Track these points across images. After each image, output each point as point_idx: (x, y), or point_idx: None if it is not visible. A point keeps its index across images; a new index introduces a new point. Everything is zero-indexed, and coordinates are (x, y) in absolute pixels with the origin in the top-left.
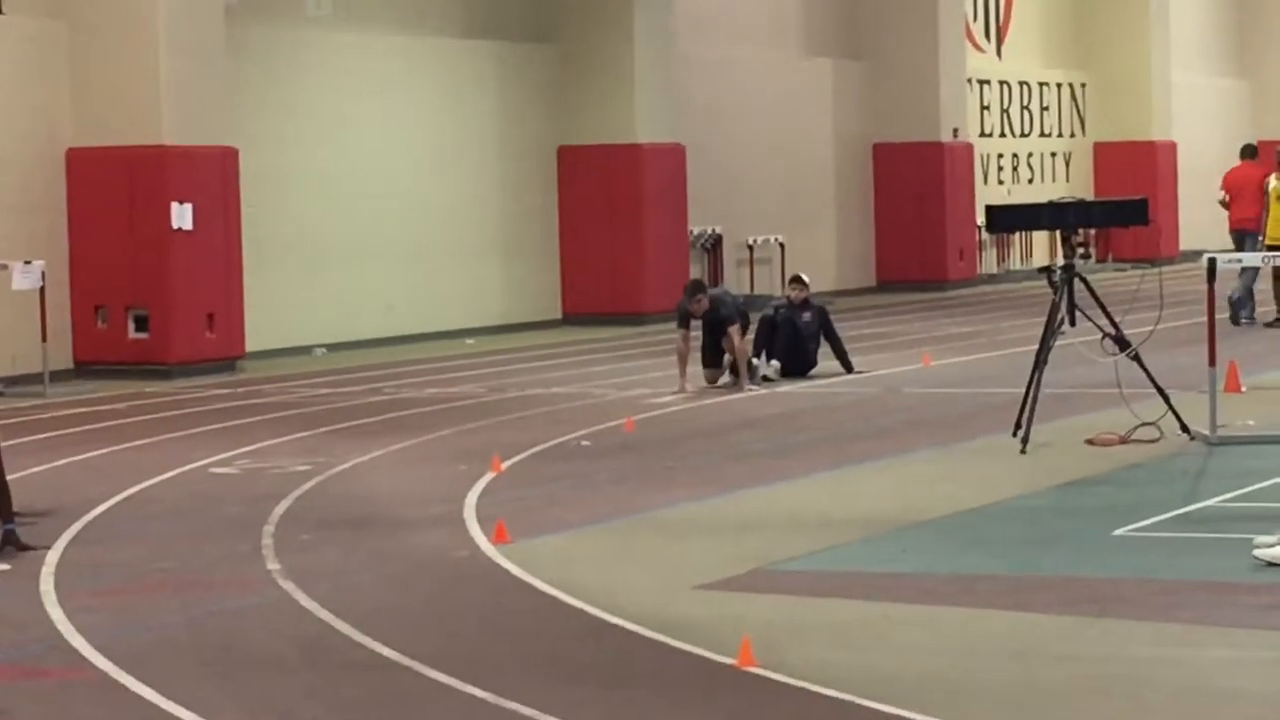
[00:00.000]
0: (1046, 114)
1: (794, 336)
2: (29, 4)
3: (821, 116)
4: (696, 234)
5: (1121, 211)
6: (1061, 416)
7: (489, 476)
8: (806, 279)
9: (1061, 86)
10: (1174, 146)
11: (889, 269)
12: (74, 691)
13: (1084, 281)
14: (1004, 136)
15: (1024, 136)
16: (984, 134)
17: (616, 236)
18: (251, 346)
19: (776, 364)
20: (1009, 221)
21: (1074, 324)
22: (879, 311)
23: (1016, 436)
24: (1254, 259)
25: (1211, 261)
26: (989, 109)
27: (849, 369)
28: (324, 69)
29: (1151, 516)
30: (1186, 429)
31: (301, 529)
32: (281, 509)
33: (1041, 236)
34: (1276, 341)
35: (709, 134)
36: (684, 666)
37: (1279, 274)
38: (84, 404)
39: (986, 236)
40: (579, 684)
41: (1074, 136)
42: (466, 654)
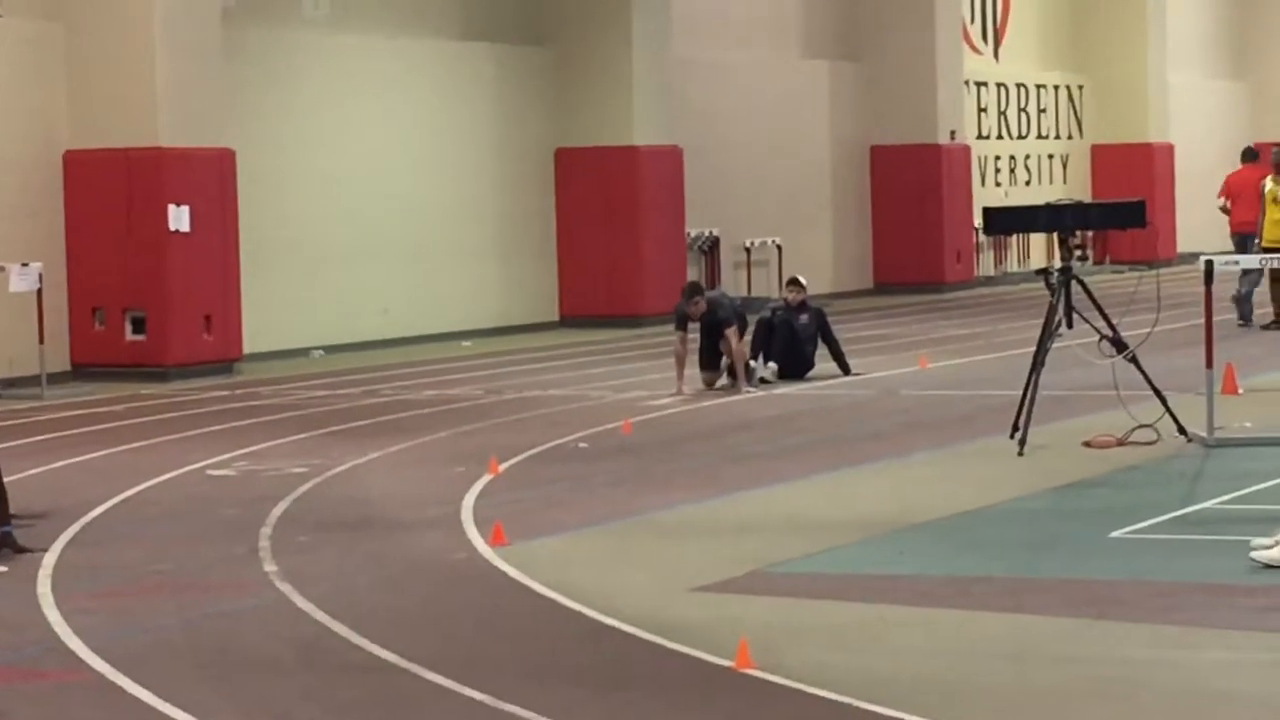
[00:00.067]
0: (1044, 116)
1: (791, 339)
2: (26, 6)
3: (819, 119)
4: (694, 236)
5: (1119, 214)
6: (1059, 418)
7: (486, 478)
8: (804, 281)
9: (1059, 89)
10: (1171, 149)
11: (886, 271)
12: (71, 693)
13: (1081, 284)
14: (1001, 139)
15: (1021, 139)
16: (981, 136)
17: (614, 239)
18: (249, 348)
19: (774, 366)
20: (1006, 223)
21: (1071, 326)
22: (876, 313)
23: (1014, 438)
24: (1252, 261)
25: (1209, 264)
26: (986, 111)
27: (846, 371)
28: (321, 71)
29: (1149, 519)
30: (1184, 431)
31: (299, 531)
32: (279, 511)
33: (1039, 239)
34: (1273, 344)
35: (706, 136)
36: (681, 668)
37: (1276, 276)
38: (81, 406)
39: (984, 238)
40: (576, 686)
41: (1071, 139)
42: (464, 656)
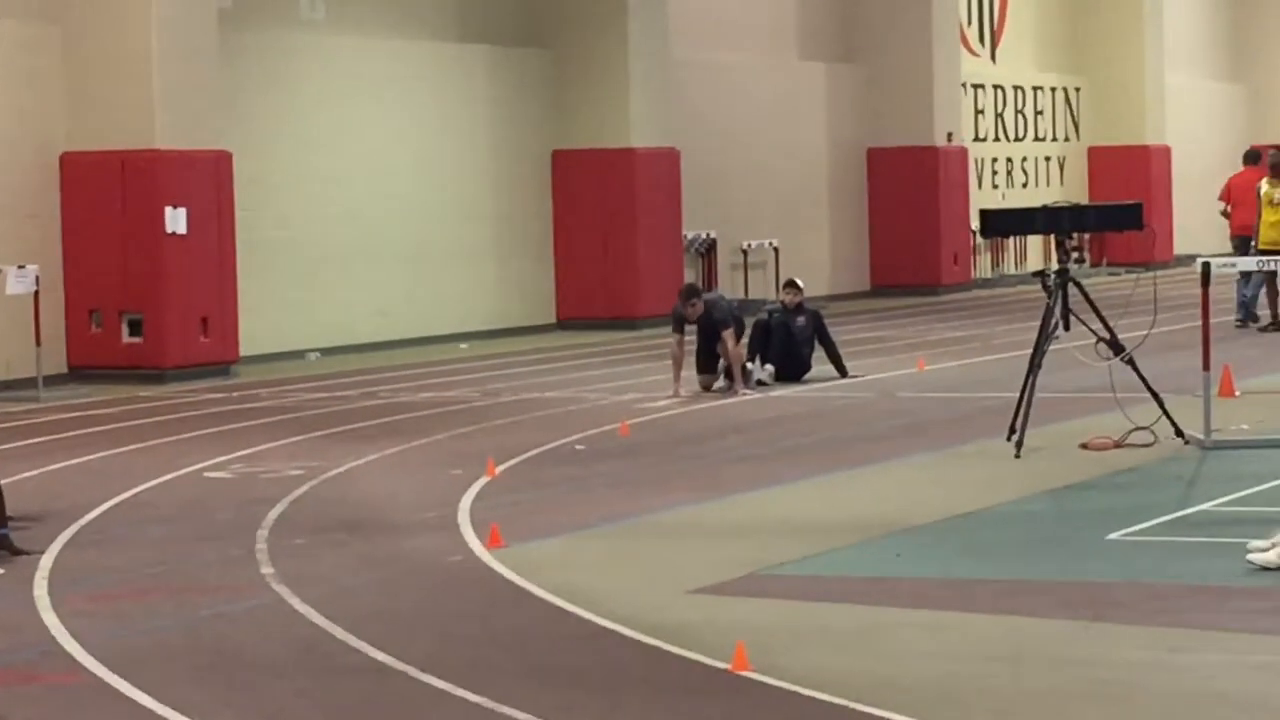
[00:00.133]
0: (1041, 118)
1: (788, 341)
2: (22, 9)
3: (816, 121)
4: (691, 238)
5: (1116, 216)
6: (1056, 421)
7: (483, 481)
8: (800, 283)
9: (1056, 91)
10: (1168, 151)
11: (883, 273)
12: (68, 696)
13: (1078, 286)
14: (998, 141)
15: (1018, 141)
16: (978, 138)
17: (611, 241)
18: (245, 351)
19: (770, 368)
20: (1003, 226)
21: (1068, 328)
22: (873, 316)
23: (1011, 441)
24: (1249, 264)
25: (1205, 266)
26: (983, 113)
27: (843, 373)
28: (318, 73)
29: (1146, 521)
30: (1181, 433)
31: (295, 533)
32: (275, 513)
33: (1036, 241)
34: (1270, 346)
35: (703, 138)
36: (678, 671)
37: (1272, 279)
38: (78, 408)
39: (981, 241)
40: (573, 688)
41: (1068, 141)
42: (460, 658)
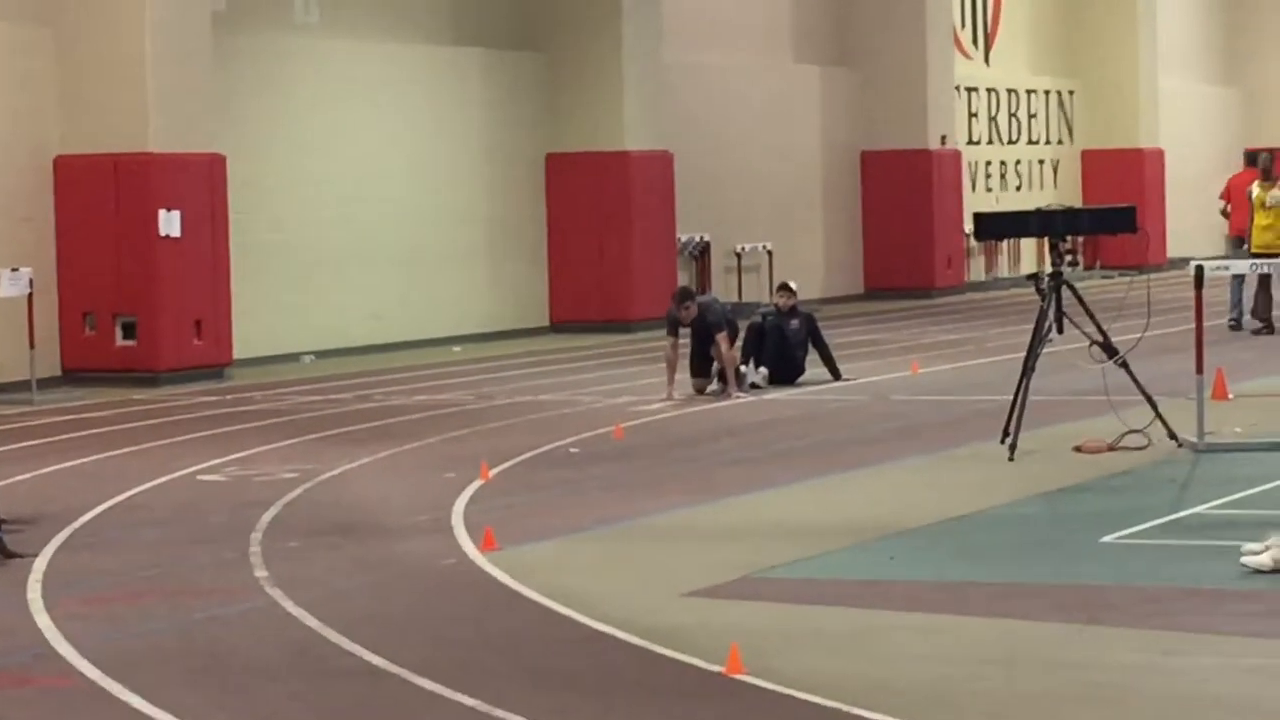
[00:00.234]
0: (1034, 121)
1: (782, 344)
2: (16, 12)
3: (810, 123)
4: (684, 241)
5: (1109, 219)
6: (1049, 424)
7: (477, 484)
8: (794, 286)
9: (1049, 94)
10: (1162, 154)
11: (877, 276)
12: (61, 699)
13: (1072, 289)
14: (992, 144)
15: (1012, 144)
16: (972, 141)
17: (604, 244)
18: (239, 354)
19: (764, 371)
20: (997, 228)
21: (1062, 331)
22: (867, 319)
23: (1004, 444)
24: (1241, 266)
25: (1199, 269)
26: (977, 116)
27: (837, 376)
28: (312, 76)
29: (1139, 524)
30: (1174, 436)
31: (289, 536)
32: (269, 516)
33: (1029, 244)
34: (1264, 349)
35: (697, 141)
36: (672, 674)
37: (1266, 282)
38: (71, 411)
39: (974, 244)
40: (566, 691)
41: (1062, 144)
42: (454, 661)
